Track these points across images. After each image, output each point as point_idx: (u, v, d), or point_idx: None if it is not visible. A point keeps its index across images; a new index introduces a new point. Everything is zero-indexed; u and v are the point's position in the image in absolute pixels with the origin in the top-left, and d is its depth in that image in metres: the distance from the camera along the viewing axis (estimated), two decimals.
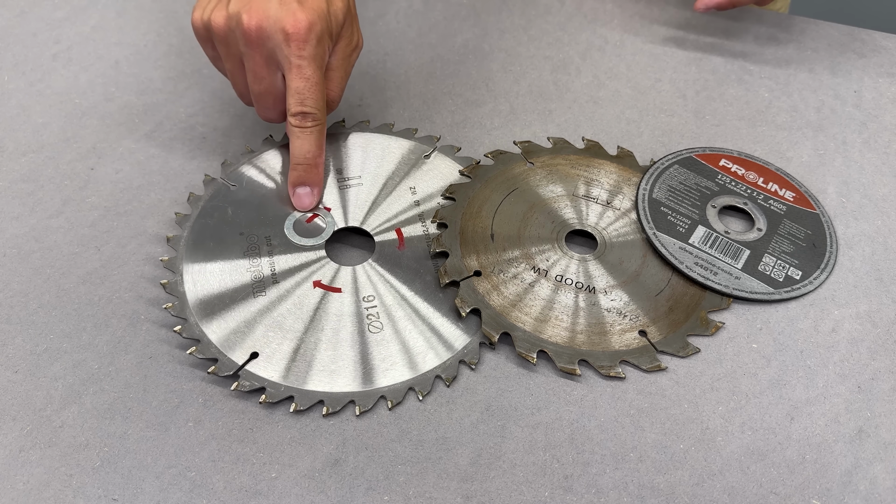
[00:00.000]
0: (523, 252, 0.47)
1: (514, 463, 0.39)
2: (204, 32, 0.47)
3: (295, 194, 0.49)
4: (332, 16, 0.46)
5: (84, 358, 0.43)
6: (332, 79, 0.49)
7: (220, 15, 0.46)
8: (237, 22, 0.45)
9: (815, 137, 0.57)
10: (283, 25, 0.44)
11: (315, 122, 0.47)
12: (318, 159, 0.48)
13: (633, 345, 0.44)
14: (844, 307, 0.47)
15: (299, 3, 0.44)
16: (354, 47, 0.50)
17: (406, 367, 0.42)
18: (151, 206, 0.50)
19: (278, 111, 0.49)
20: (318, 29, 0.45)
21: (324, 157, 0.49)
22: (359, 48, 0.50)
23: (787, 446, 0.40)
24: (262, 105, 0.48)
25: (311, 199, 0.49)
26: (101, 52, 0.61)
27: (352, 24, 0.49)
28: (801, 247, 0.49)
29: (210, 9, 0.47)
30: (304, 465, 0.39)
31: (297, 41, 0.44)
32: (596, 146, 0.54)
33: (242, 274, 0.46)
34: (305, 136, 0.47)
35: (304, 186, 0.49)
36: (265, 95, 0.47)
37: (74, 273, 0.47)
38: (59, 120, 0.56)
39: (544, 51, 0.63)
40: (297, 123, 0.47)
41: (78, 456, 0.39)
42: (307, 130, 0.47)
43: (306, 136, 0.47)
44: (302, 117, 0.46)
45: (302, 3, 0.44)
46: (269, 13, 0.44)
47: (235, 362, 0.42)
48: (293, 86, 0.45)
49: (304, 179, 0.48)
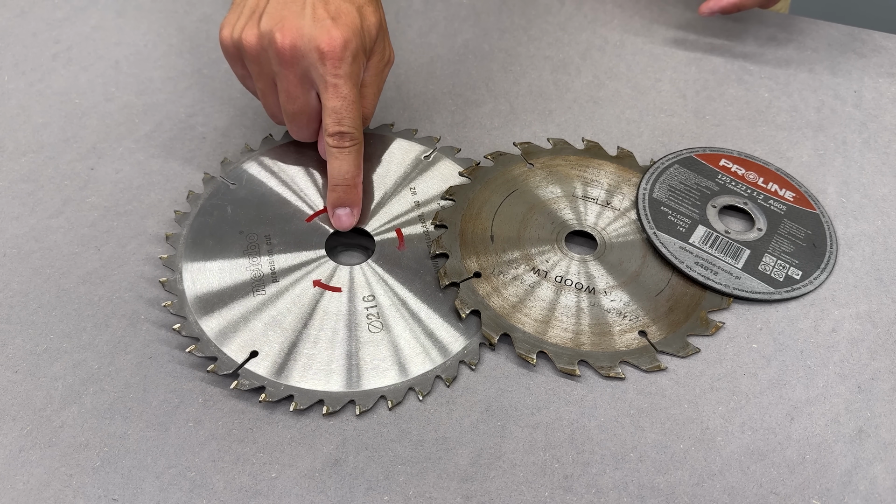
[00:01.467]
0: (523, 253, 0.47)
1: (514, 463, 0.39)
2: (234, 51, 0.46)
3: (335, 215, 0.48)
4: (365, 32, 0.45)
5: (84, 358, 0.43)
6: (365, 95, 0.47)
7: (252, 33, 0.44)
8: (270, 41, 0.43)
9: (815, 137, 0.57)
10: (318, 44, 0.42)
11: (353, 141, 0.46)
12: (357, 179, 0.47)
13: (633, 345, 0.44)
14: (844, 307, 0.47)
15: (333, 21, 0.43)
16: (387, 62, 0.48)
17: (407, 368, 0.42)
18: (151, 206, 0.50)
19: (312, 130, 0.48)
20: (354, 46, 0.43)
21: (361, 177, 0.48)
22: (391, 63, 0.49)
23: (787, 446, 0.40)
24: (296, 124, 0.47)
25: (351, 219, 0.48)
26: (101, 52, 0.61)
27: (384, 39, 0.48)
28: (801, 247, 0.49)
29: (240, 27, 0.45)
30: (304, 465, 0.39)
31: (333, 60, 0.43)
32: (596, 147, 0.54)
33: (242, 272, 0.46)
34: (343, 156, 0.46)
35: (344, 207, 0.47)
36: (299, 115, 0.46)
37: (74, 273, 0.47)
38: (59, 120, 0.56)
39: (544, 51, 0.63)
40: (335, 144, 0.45)
41: (78, 456, 0.39)
42: (345, 150, 0.46)
43: (344, 156, 0.46)
44: (340, 137, 0.45)
45: (336, 20, 0.43)
46: (304, 31, 0.43)
47: (235, 361, 0.42)
48: (330, 105, 0.44)
49: (344, 200, 0.47)
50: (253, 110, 0.57)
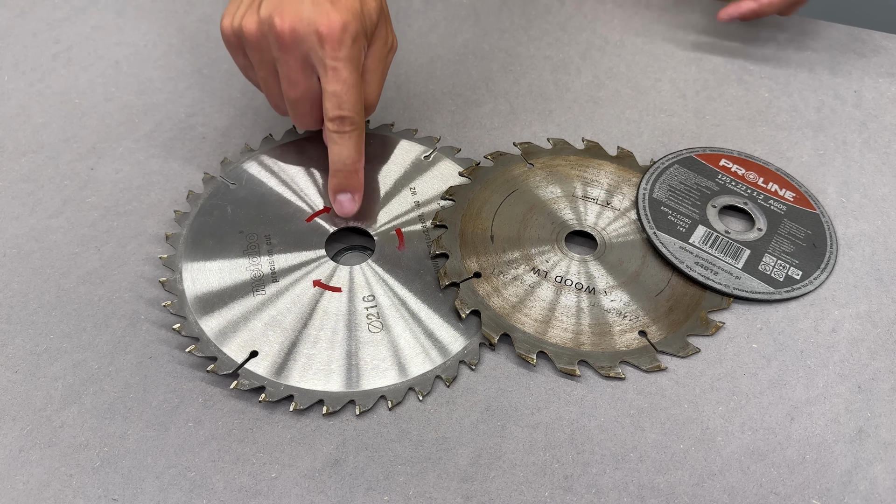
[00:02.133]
0: (523, 253, 0.47)
1: (514, 463, 0.39)
2: (234, 40, 0.46)
3: (336, 201, 0.47)
4: (366, 15, 0.45)
5: (84, 358, 0.43)
6: (368, 81, 0.47)
7: (252, 20, 0.44)
8: (269, 26, 0.43)
9: (815, 137, 0.57)
10: (317, 27, 0.42)
11: (353, 126, 0.45)
12: (358, 164, 0.47)
13: (633, 345, 0.44)
14: (844, 307, 0.47)
15: (332, 4, 0.43)
16: (390, 48, 0.48)
17: (407, 368, 0.42)
18: (151, 206, 0.50)
19: (315, 117, 0.48)
20: (353, 29, 0.43)
21: (363, 162, 0.47)
22: (394, 49, 0.49)
23: (787, 446, 0.40)
24: (299, 112, 0.47)
25: (353, 205, 0.48)
26: (101, 51, 0.61)
27: (385, 25, 0.47)
28: (801, 247, 0.49)
29: (240, 15, 0.45)
30: (304, 465, 0.39)
31: (332, 42, 0.43)
32: (596, 147, 0.54)
33: (242, 272, 0.46)
34: (344, 141, 0.46)
35: (346, 193, 0.47)
36: (301, 101, 0.46)
37: (74, 273, 0.47)
38: (59, 120, 0.56)
39: (544, 51, 0.63)
40: (335, 128, 0.45)
41: (78, 456, 0.39)
42: (346, 135, 0.45)
43: (345, 141, 0.46)
44: (340, 122, 0.45)
45: (335, 4, 0.43)
46: (303, 15, 0.43)
47: (235, 360, 0.42)
48: (329, 89, 0.44)
49: (345, 186, 0.47)
50: (253, 110, 0.57)
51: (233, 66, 0.60)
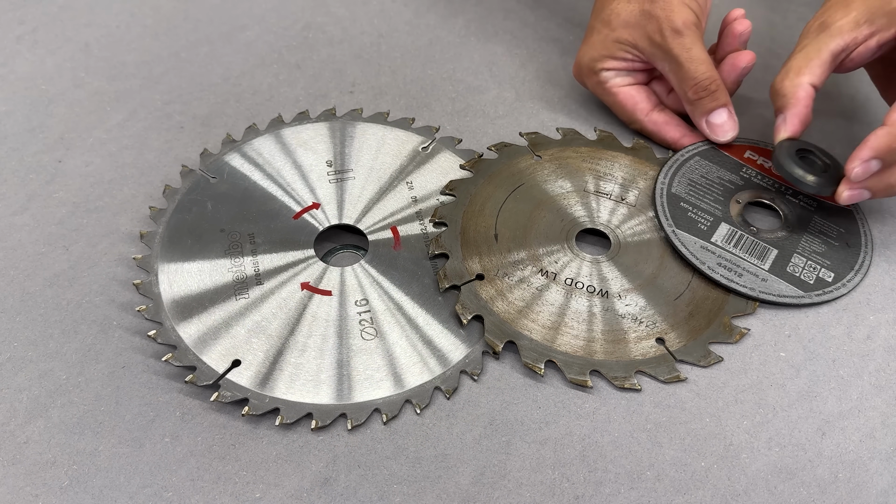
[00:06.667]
0: (530, 253, 0.47)
1: (520, 482, 0.39)
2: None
3: (709, 124, 0.50)
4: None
5: (51, 367, 0.43)
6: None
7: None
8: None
9: (849, 127, 0.57)
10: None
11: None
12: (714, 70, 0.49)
13: (650, 354, 0.44)
14: (880, 312, 0.47)
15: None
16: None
17: (403, 378, 0.42)
18: (124, 202, 0.50)
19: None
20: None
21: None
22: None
23: (818, 464, 0.41)
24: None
25: (732, 120, 0.50)
26: (70, 33, 0.62)
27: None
28: (833, 246, 0.49)
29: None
30: (291, 485, 0.39)
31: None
32: (609, 137, 0.54)
33: (223, 274, 0.46)
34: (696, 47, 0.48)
35: (716, 112, 0.50)
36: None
37: (40, 275, 0.47)
38: (24, 108, 0.56)
39: (553, 32, 0.63)
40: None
41: (44, 474, 0.39)
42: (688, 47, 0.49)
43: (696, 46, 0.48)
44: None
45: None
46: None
47: (215, 370, 0.42)
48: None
49: (713, 103, 0.50)
50: (235, 97, 0.57)
51: (214, 49, 0.60)
